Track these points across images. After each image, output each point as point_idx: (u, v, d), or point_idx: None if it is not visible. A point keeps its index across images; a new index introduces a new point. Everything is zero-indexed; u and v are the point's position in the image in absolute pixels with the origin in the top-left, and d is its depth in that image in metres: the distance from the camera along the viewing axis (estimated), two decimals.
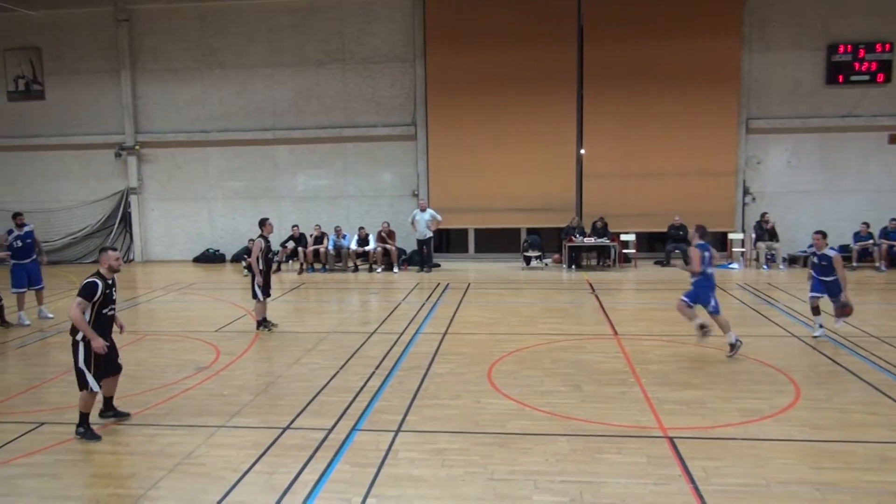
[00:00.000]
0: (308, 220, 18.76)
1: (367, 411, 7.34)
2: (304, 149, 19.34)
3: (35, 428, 7.05)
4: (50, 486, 5.82)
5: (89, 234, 20.06)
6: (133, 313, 13.33)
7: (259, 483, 5.75)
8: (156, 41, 19.39)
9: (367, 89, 18.91)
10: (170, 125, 19.66)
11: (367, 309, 13.52)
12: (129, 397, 8.00)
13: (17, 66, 19.96)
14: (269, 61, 19.04)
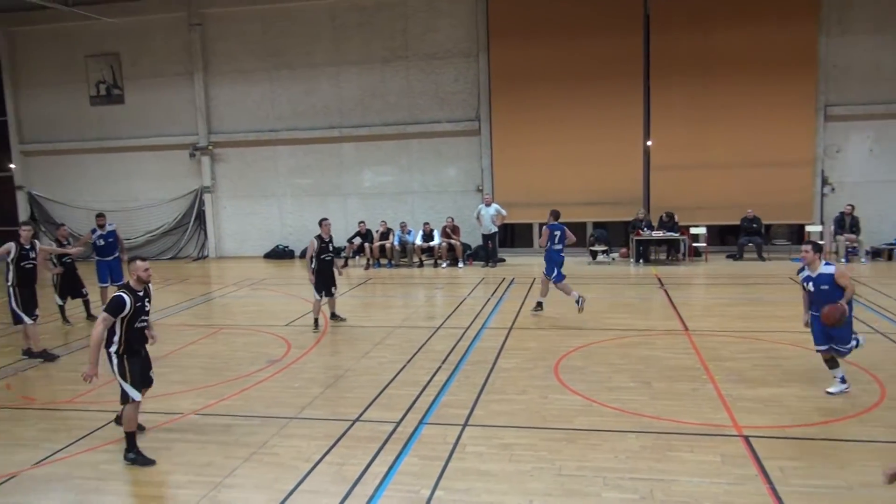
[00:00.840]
0: (374, 216, 19.01)
1: (434, 405, 7.40)
2: (370, 146, 19.59)
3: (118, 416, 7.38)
4: (134, 471, 6.10)
5: (166, 231, 20.88)
6: (208, 307, 13.82)
7: (330, 473, 5.87)
8: (226, 44, 19.98)
9: (431, 85, 19.00)
10: (240, 125, 20.24)
11: (433, 304, 13.61)
12: (205, 388, 8.30)
13: (98, 72, 20.92)
14: (334, 60, 19.35)
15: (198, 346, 10.44)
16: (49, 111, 21.30)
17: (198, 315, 12.99)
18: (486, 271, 16.79)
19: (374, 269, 17.75)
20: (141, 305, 6.30)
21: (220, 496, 5.54)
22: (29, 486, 5.91)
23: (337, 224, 19.56)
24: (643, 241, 17.19)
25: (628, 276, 16.07)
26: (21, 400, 8.15)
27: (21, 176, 21.75)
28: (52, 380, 8.98)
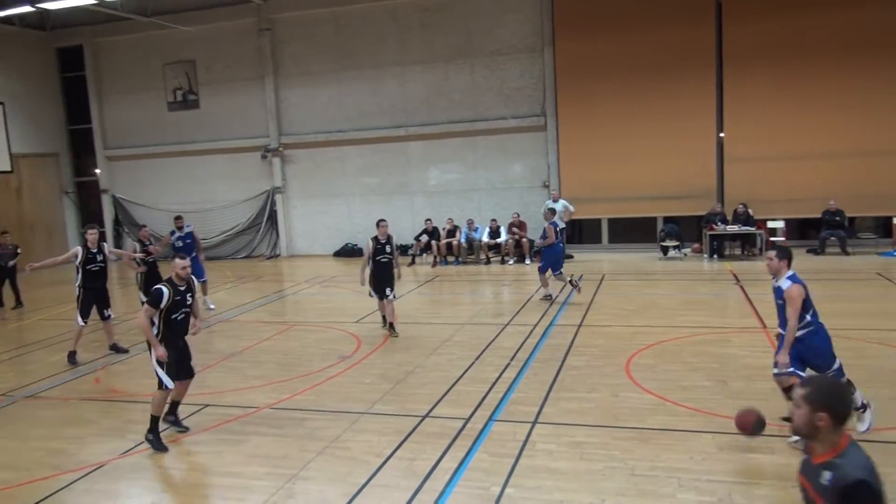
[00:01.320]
0: (440, 213, 19.10)
1: (503, 402, 7.38)
2: (436, 144, 19.68)
3: (200, 409, 7.67)
4: (213, 462, 6.33)
5: (240, 231, 21.54)
6: (281, 304, 14.18)
7: (401, 468, 5.94)
8: (295, 47, 20.44)
9: (496, 82, 18.93)
10: (309, 126, 20.67)
11: (500, 300, 13.57)
12: (280, 383, 8.52)
13: (175, 79, 21.75)
14: (399, 60, 19.53)
15: (272, 342, 10.73)
16: (130, 118, 22.29)
17: (271, 312, 13.35)
18: None
19: (440, 266, 17.83)
20: (181, 299, 6.76)
21: (295, 488, 5.68)
22: (117, 475, 6.20)
23: (404, 222, 19.85)
24: (717, 235, 16.67)
25: (701, 272, 15.61)
26: (109, 392, 8.56)
27: (106, 180, 22.84)
28: (136, 373, 9.38)
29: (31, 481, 6.10)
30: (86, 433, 7.23)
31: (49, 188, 22.46)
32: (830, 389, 2.92)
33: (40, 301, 15.35)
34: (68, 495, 5.85)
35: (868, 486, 2.67)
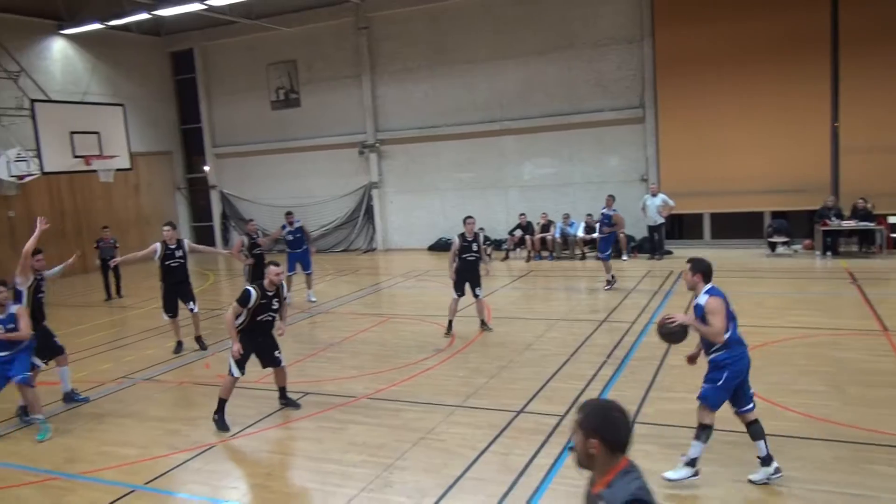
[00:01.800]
0: (535, 208, 18.93)
1: None
2: (530, 138, 19.52)
3: (301, 397, 7.95)
4: (314, 448, 6.54)
5: (338, 225, 22.15)
6: (377, 297, 14.48)
7: (496, 462, 5.94)
8: (392, 45, 20.77)
9: (592, 74, 18.55)
10: (405, 122, 20.97)
11: (596, 297, 13.31)
12: (376, 374, 8.71)
13: (277, 79, 22.58)
14: (494, 55, 19.47)
15: (369, 334, 10.98)
16: (236, 117, 23.33)
17: (368, 304, 13.66)
18: (652, 264, 16.14)
19: (534, 261, 17.69)
20: (267, 303, 7.20)
21: (392, 477, 5.79)
22: (226, 456, 6.53)
23: (498, 217, 19.82)
24: (831, 231, 15.67)
25: (813, 269, 14.75)
26: (218, 378, 8.99)
27: (214, 176, 24.03)
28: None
29: (150, 458, 6.52)
30: (197, 415, 7.64)
31: (163, 184, 23.86)
32: (602, 414, 2.66)
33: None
34: (182, 473, 6.21)
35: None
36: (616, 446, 2.60)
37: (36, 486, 6.14)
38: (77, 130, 15.89)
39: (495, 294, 13.59)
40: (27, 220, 19.00)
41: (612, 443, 2.59)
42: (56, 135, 15.43)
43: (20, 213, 18.88)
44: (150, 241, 10.41)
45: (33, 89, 17.16)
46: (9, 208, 18.65)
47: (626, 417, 2.65)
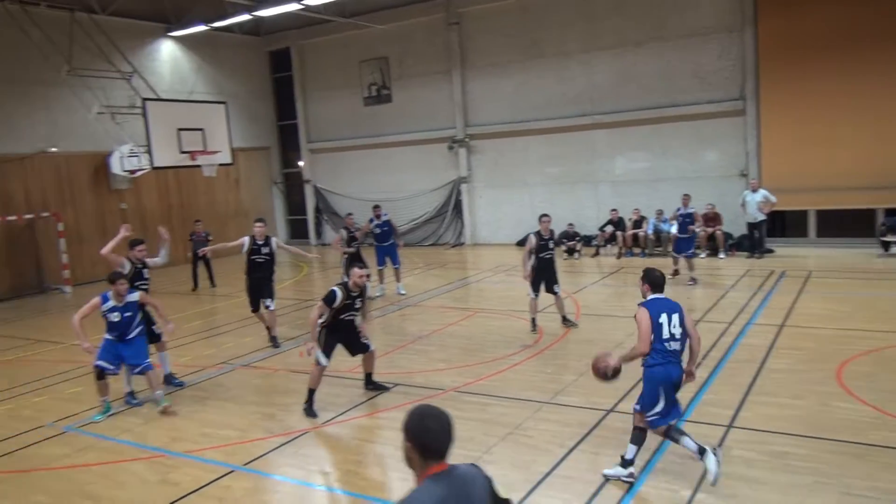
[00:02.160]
0: (626, 203, 18.49)
1: (694, 402, 7.01)
2: (623, 132, 19.06)
3: (391, 387, 8.10)
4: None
5: (427, 219, 22.38)
6: (464, 291, 14.55)
7: (585, 461, 5.86)
8: (482, 40, 20.75)
9: (689, 65, 17.89)
10: (495, 117, 20.92)
11: (690, 295, 12.87)
12: (464, 367, 8.76)
13: (370, 75, 23.02)
14: (586, 47, 19.12)
15: (456, 328, 11.05)
16: (330, 113, 23.96)
17: (455, 298, 13.74)
18: (752, 263, 15.44)
19: (626, 257, 17.28)
20: (351, 303, 7.47)
21: None
22: (318, 442, 6.74)
23: (588, 212, 19.49)
24: None
25: None
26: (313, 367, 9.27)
27: (308, 171, 24.78)
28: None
29: (247, 441, 6.82)
30: (292, 402, 7.91)
31: (261, 179, 24.82)
32: (418, 418, 2.66)
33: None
34: (278, 456, 6.45)
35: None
36: (427, 452, 2.61)
37: (145, 461, 6.54)
38: (183, 127, 16.73)
39: (584, 291, 13.39)
40: (137, 212, 20.25)
41: (423, 448, 2.61)
42: (164, 131, 16.29)
43: (131, 205, 20.12)
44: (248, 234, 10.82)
45: (144, 89, 18.21)
46: (121, 201, 19.89)
47: (443, 425, 2.64)
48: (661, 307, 5.57)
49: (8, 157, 17.29)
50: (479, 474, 2.76)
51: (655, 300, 5.67)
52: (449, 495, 2.57)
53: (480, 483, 2.75)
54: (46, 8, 16.85)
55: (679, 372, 5.47)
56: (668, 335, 5.44)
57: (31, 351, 11.43)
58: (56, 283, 17.80)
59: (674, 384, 5.45)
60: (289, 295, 15.14)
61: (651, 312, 5.52)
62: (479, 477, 2.75)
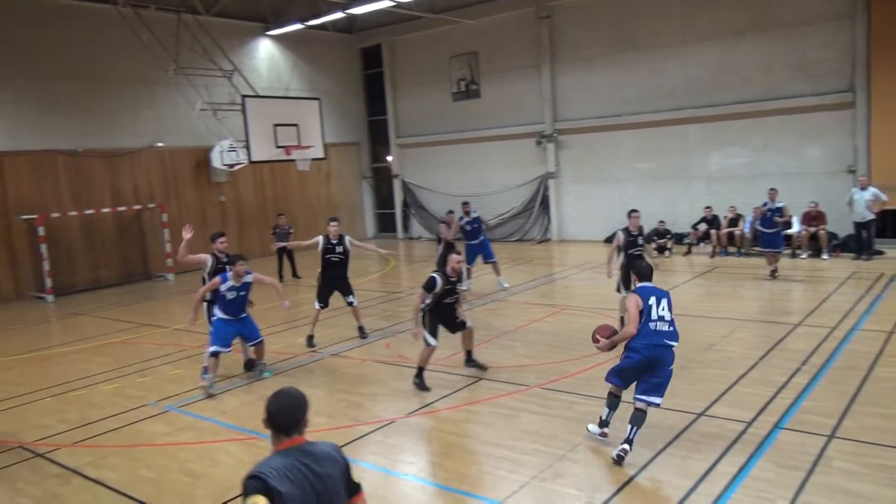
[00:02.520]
0: (721, 200, 17.78)
1: (791, 409, 6.69)
2: (719, 126, 18.33)
3: (475, 382, 8.15)
4: (487, 433, 6.67)
5: (513, 215, 22.29)
6: (550, 288, 14.42)
7: (674, 465, 5.70)
8: (573, 33, 20.43)
9: (794, 56, 17.00)
10: (584, 112, 20.57)
11: (790, 298, 12.28)
12: (549, 364, 8.69)
13: (459, 70, 23.12)
14: (682, 38, 18.49)
15: (542, 324, 10.97)
16: (419, 108, 24.23)
17: (541, 294, 13.64)
18: (858, 265, 14.56)
19: (720, 256, 16.64)
20: (451, 288, 7.91)
21: (563, 468, 5.76)
22: (404, 432, 6.85)
23: (679, 209, 18.90)
24: None
25: None
26: (398, 358, 9.47)
27: (397, 166, 25.17)
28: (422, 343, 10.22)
29: (335, 427, 7.01)
30: (378, 391, 8.09)
31: (351, 173, 25.40)
32: (274, 398, 3.01)
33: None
34: (365, 444, 6.61)
35: (249, 478, 2.71)
36: (277, 428, 2.93)
37: (240, 442, 6.84)
38: (279, 123, 17.33)
39: (675, 290, 12.99)
40: (235, 204, 21.17)
41: (275, 425, 2.93)
42: (261, 127, 16.92)
43: (229, 198, 21.05)
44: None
45: (243, 86, 18.97)
46: (220, 193, 20.84)
47: (293, 405, 2.96)
48: (650, 293, 6.21)
49: (119, 151, 18.45)
50: (333, 455, 2.98)
51: (645, 287, 6.33)
52: (293, 466, 2.80)
53: (332, 462, 2.94)
54: (155, 10, 17.83)
55: (662, 352, 6.01)
56: (656, 317, 6.06)
57: (136, 334, 12.17)
58: (160, 271, 18.87)
59: (655, 361, 6.01)
60: (375, 288, 15.47)
61: (643, 296, 6.17)
62: (332, 457, 2.96)
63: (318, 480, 2.83)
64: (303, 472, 2.80)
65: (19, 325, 13.83)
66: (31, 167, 16.84)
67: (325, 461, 2.90)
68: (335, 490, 2.89)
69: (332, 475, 2.90)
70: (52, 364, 10.45)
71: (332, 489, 2.87)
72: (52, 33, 17.11)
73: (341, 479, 2.95)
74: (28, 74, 16.74)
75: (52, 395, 8.75)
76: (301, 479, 2.78)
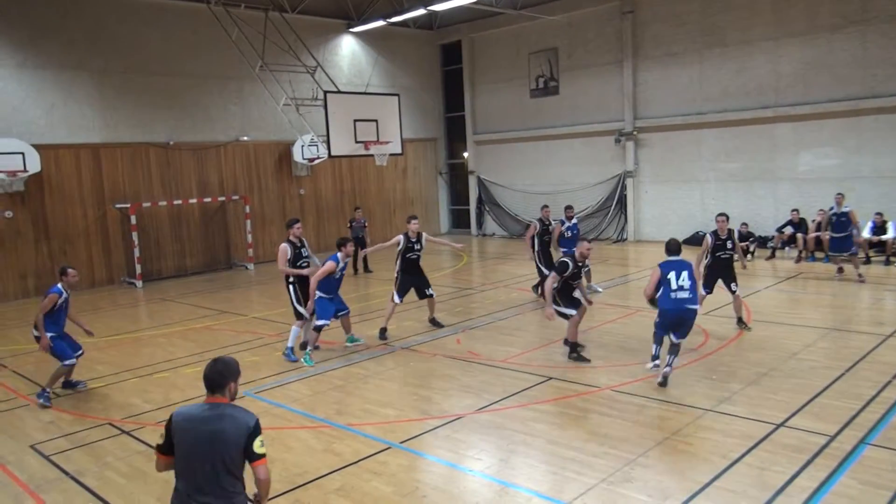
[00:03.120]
0: (810, 203, 16.99)
1: (880, 424, 6.34)
2: (810, 125, 17.49)
3: (545, 381, 8.09)
4: (555, 433, 6.61)
5: (590, 213, 21.95)
6: (625, 289, 14.14)
7: (750, 476, 5.50)
8: (657, 28, 19.92)
9: (893, 51, 16.03)
10: (666, 109, 20.03)
11: (881, 307, 11.62)
12: (621, 367, 8.54)
13: (538, 67, 22.92)
14: (773, 33, 17.72)
15: (615, 325, 10.78)
16: (496, 105, 24.18)
17: (615, 295, 13.39)
18: None
19: (806, 262, 15.90)
20: (577, 272, 8.87)
21: (633, 473, 5.65)
22: (471, 428, 6.87)
23: (764, 211, 18.18)
24: None
25: None
26: (468, 354, 9.50)
27: (473, 162, 25.20)
28: (492, 339, 10.25)
29: (405, 420, 7.11)
30: (448, 386, 8.15)
31: (427, 169, 25.60)
32: (211, 360, 3.74)
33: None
34: (432, 438, 6.67)
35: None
36: (204, 384, 3.63)
37: (312, 430, 7.03)
38: (359, 118, 17.62)
39: (757, 295, 12.52)
40: (314, 197, 21.72)
41: (204, 382, 3.63)
42: (342, 122, 17.23)
43: (309, 191, 21.60)
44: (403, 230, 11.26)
45: (325, 82, 19.37)
46: (300, 187, 21.41)
47: (218, 369, 3.62)
48: (672, 266, 7.87)
49: (207, 144, 19.23)
50: (243, 419, 3.53)
51: (669, 261, 7.97)
52: (199, 418, 3.51)
53: (235, 425, 3.49)
54: (245, 8, 18.45)
55: (684, 313, 7.81)
56: (676, 287, 7.76)
57: (217, 321, 12.67)
58: (241, 261, 19.57)
59: (679, 320, 7.83)
60: (448, 283, 15.55)
61: (662, 270, 7.86)
62: (238, 421, 3.51)
63: (212, 433, 3.46)
64: (202, 422, 3.50)
65: (112, 308, 14.64)
66: (125, 158, 17.79)
67: (226, 420, 3.50)
68: (225, 445, 3.46)
69: (225, 432, 3.47)
70: (140, 346, 11.02)
71: (221, 443, 3.45)
72: (149, 31, 18.02)
73: (236, 440, 3.47)
74: (125, 70, 17.68)
75: (139, 377, 9.23)
76: (196, 425, 3.50)
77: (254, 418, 3.56)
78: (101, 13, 17.26)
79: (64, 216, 16.81)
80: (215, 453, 3.44)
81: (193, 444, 3.47)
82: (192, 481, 3.47)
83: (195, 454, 3.46)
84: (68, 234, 16.89)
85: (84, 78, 17.06)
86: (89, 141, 17.15)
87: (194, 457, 3.46)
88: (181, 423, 3.52)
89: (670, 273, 7.79)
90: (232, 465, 3.48)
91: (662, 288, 7.82)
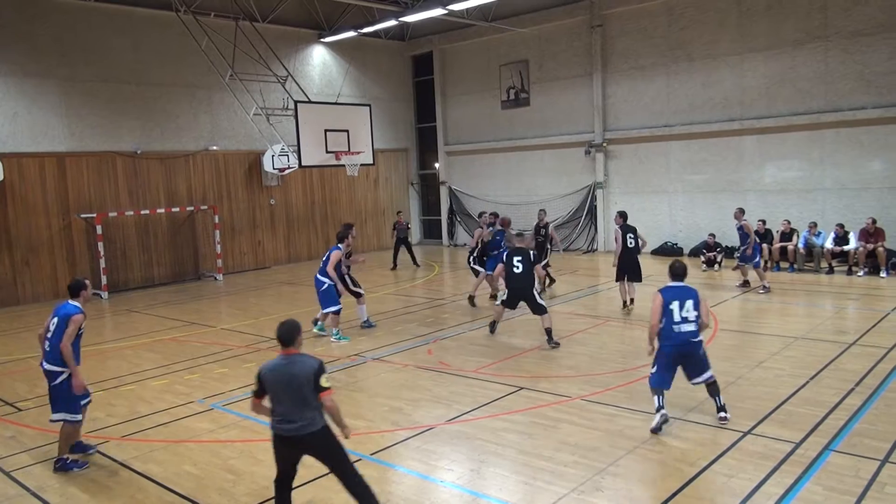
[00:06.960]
0: (775, 214, 17.35)
1: (843, 432, 6.46)
2: (774, 138, 17.87)
3: (515, 391, 8.10)
4: (526, 443, 6.62)
5: (559, 224, 22.08)
6: (594, 299, 14.26)
7: (717, 483, 5.57)
8: (626, 42, 20.23)
9: (855, 67, 16.48)
10: (635, 122, 20.32)
11: (844, 316, 11.87)
12: (592, 376, 8.59)
13: (509, 79, 23.10)
14: (738, 48, 18.11)
15: (586, 335, 10.85)
16: (467, 116, 24.30)
17: (585, 305, 13.50)
18: None
19: (772, 272, 16.18)
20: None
21: (603, 482, 5.68)
22: (442, 439, 6.85)
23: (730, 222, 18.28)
24: None
25: None
26: (439, 364, 9.49)
27: (444, 173, 25.26)
28: (464, 350, 10.25)
29: (375, 431, 7.06)
30: (419, 397, 8.12)
31: (398, 179, 25.60)
32: (280, 323, 4.89)
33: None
34: (403, 449, 6.63)
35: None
36: (278, 341, 4.84)
37: None
38: (330, 129, 17.57)
39: (724, 305, 12.72)
40: (284, 207, 21.56)
41: (277, 339, 4.86)
42: (312, 132, 17.17)
43: (279, 201, 21.45)
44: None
45: (296, 92, 19.33)
46: (270, 196, 21.24)
47: (287, 328, 4.81)
48: (675, 294, 6.75)
49: (175, 153, 18.99)
50: (309, 364, 4.74)
51: (672, 287, 6.86)
52: (279, 366, 4.77)
53: (304, 367, 4.71)
54: (214, 17, 18.32)
55: (688, 348, 6.68)
56: (679, 318, 6.64)
57: (185, 332, 12.48)
58: (210, 271, 19.32)
59: (682, 356, 6.71)
60: (419, 293, 15.53)
61: (665, 298, 6.74)
62: (307, 364, 4.74)
63: (290, 375, 4.71)
64: (281, 368, 4.76)
65: None
66: (91, 167, 17.48)
67: (298, 365, 4.73)
68: (300, 383, 4.67)
69: (300, 374, 4.68)
70: (105, 359, 10.80)
71: (297, 382, 4.68)
72: (117, 38, 17.78)
73: (309, 378, 4.68)
74: (93, 78, 17.41)
75: (104, 389, 9.04)
76: (278, 372, 4.75)
77: (318, 362, 4.77)
78: (69, 21, 17.00)
79: (27, 226, 16.45)
80: (294, 390, 4.67)
81: (278, 384, 4.73)
82: (282, 409, 4.73)
83: (281, 391, 4.72)
84: (31, 245, 16.53)
85: (50, 86, 16.76)
86: (54, 150, 16.83)
87: (281, 393, 4.72)
88: (267, 373, 4.79)
89: (673, 303, 6.67)
90: (309, 395, 4.68)
91: (664, 320, 6.69)
